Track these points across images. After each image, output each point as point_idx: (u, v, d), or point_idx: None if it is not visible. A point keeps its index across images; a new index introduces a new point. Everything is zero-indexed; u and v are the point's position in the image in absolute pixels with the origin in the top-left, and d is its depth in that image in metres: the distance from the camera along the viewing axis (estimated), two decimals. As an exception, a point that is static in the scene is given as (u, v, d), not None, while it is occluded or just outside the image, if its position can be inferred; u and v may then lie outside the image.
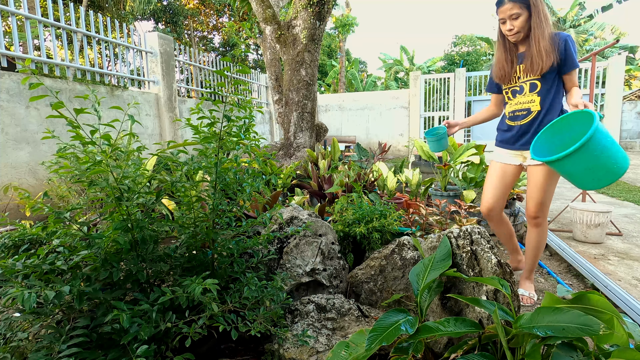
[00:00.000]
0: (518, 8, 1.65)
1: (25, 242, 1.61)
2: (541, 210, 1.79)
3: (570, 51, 1.67)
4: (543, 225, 1.83)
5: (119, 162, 1.26)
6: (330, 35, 20.29)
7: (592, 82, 3.10)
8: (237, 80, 1.44)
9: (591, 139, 1.16)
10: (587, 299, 0.98)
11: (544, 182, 1.74)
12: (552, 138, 1.44)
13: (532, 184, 1.78)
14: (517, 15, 1.66)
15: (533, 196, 1.78)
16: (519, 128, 1.80)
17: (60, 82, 3.88)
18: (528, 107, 1.76)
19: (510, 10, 1.67)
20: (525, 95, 1.76)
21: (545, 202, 1.78)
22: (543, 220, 1.82)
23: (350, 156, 4.96)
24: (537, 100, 1.73)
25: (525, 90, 1.76)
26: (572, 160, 1.21)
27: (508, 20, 1.69)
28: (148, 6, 12.87)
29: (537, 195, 1.77)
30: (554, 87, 1.72)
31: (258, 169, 1.52)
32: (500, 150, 1.94)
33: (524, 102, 1.77)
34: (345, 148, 9.41)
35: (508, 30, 1.72)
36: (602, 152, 1.20)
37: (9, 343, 1.03)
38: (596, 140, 1.18)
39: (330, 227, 1.93)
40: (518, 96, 1.79)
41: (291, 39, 4.84)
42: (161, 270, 1.29)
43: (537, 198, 1.77)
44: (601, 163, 1.22)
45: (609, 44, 2.89)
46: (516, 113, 1.80)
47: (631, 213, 3.77)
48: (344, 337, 1.39)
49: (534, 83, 1.73)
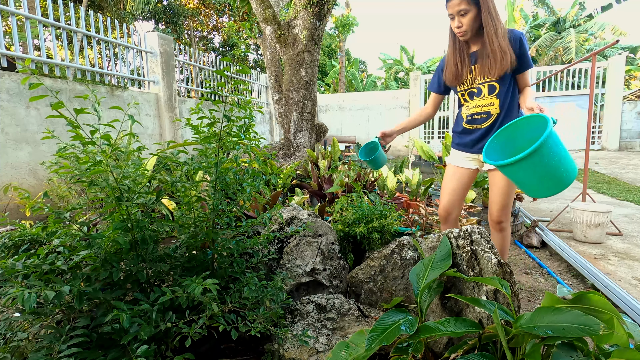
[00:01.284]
0: (466, 4, 1.57)
1: (25, 242, 1.60)
2: (505, 214, 1.74)
3: (525, 50, 1.62)
4: (507, 229, 1.79)
5: (119, 162, 1.26)
6: (330, 35, 20.29)
7: (592, 82, 3.10)
8: (237, 80, 1.44)
9: (544, 144, 1.12)
10: (587, 299, 0.98)
11: (507, 186, 1.69)
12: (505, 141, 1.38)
13: (495, 188, 1.73)
14: (465, 11, 1.58)
15: (496, 200, 1.73)
16: (478, 132, 1.74)
17: (60, 82, 3.88)
18: (488, 110, 1.69)
19: (458, 6, 1.58)
20: (484, 98, 1.69)
21: (508, 206, 1.74)
22: (507, 224, 1.77)
23: (350, 156, 4.96)
24: (496, 103, 1.67)
25: (484, 92, 1.68)
26: (523, 166, 1.16)
27: (456, 16, 1.61)
28: (148, 6, 12.86)
29: (500, 200, 1.72)
30: (511, 88, 1.67)
31: (258, 169, 1.52)
32: (458, 154, 1.86)
33: (483, 105, 1.70)
34: (345, 148, 9.41)
35: (456, 28, 1.63)
36: (553, 159, 1.16)
37: (9, 343, 1.03)
38: (548, 146, 1.14)
39: (330, 227, 1.93)
40: (476, 99, 1.71)
41: (291, 39, 4.84)
42: (161, 270, 1.29)
43: (500, 202, 1.72)
44: (551, 171, 1.17)
45: (609, 44, 2.88)
46: (475, 117, 1.73)
47: (631, 213, 3.77)
48: (344, 337, 1.39)
49: (492, 85, 1.66)
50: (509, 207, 1.75)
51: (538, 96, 10.10)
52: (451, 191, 1.85)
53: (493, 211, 1.76)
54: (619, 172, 6.42)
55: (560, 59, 13.83)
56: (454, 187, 1.84)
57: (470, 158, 1.81)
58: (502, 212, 1.74)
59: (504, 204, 1.72)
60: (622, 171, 6.48)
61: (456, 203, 1.85)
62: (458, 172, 1.85)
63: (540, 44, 13.82)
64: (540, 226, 3.10)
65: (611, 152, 9.16)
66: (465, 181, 1.84)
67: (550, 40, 13.76)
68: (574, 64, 3.60)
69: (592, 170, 6.68)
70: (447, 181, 1.88)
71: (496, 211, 1.74)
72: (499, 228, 1.77)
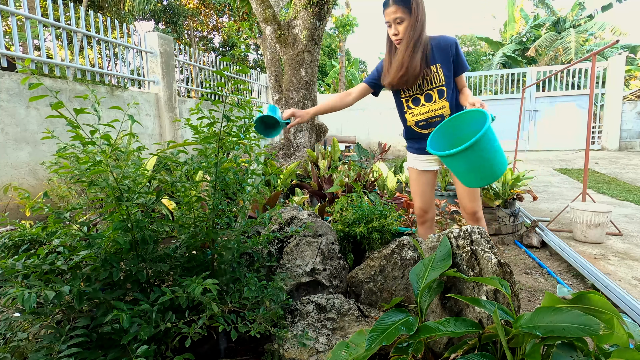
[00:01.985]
0: (401, 12, 1.61)
1: (25, 242, 1.60)
2: (478, 204, 1.82)
3: (460, 54, 1.71)
4: (482, 217, 1.86)
5: (119, 162, 1.26)
6: (330, 35, 20.28)
7: (592, 82, 3.10)
8: (237, 80, 1.44)
9: (481, 139, 1.23)
10: (587, 299, 0.98)
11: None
12: (450, 131, 1.52)
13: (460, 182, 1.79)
14: (402, 19, 1.62)
15: (465, 192, 1.80)
16: None
17: (60, 82, 3.87)
18: (441, 113, 1.76)
19: (394, 14, 1.62)
20: (436, 103, 1.75)
21: (478, 196, 1.82)
22: (481, 212, 1.85)
23: (350, 156, 4.96)
24: (447, 105, 1.75)
25: (435, 97, 1.75)
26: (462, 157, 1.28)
27: (393, 24, 1.65)
28: (148, 6, 12.86)
29: (470, 190, 1.79)
30: (455, 90, 1.77)
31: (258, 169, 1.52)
32: (417, 157, 1.92)
33: (436, 109, 1.76)
34: (345, 148, 9.40)
35: (393, 35, 1.68)
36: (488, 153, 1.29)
37: (9, 343, 1.03)
38: (485, 141, 1.26)
39: (330, 227, 1.93)
40: (427, 104, 1.77)
41: (291, 39, 4.84)
42: (161, 270, 1.29)
43: (470, 193, 1.79)
44: (486, 163, 1.31)
45: (609, 44, 2.88)
46: (429, 121, 1.79)
47: (631, 213, 3.77)
48: (344, 337, 1.39)
49: (441, 90, 1.73)
50: (479, 196, 1.83)
51: (538, 96, 10.10)
52: (421, 194, 1.95)
53: (466, 204, 1.83)
54: (619, 172, 6.42)
55: (560, 59, 13.82)
56: (423, 190, 1.95)
57: (430, 160, 1.90)
58: (475, 203, 1.81)
59: (475, 195, 1.80)
60: (622, 171, 6.48)
61: (429, 202, 1.97)
62: (422, 176, 1.94)
63: (540, 44, 13.81)
64: (540, 226, 3.10)
65: (611, 152, 9.16)
66: (430, 182, 1.95)
67: (550, 40, 13.75)
68: (574, 64, 3.60)
69: (592, 170, 6.68)
70: (414, 185, 1.97)
71: (469, 203, 1.81)
72: (475, 219, 1.84)
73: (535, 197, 3.46)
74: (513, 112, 10.03)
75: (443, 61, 1.70)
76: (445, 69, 1.71)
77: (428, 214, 1.98)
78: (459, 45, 1.72)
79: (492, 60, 15.47)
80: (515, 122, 9.68)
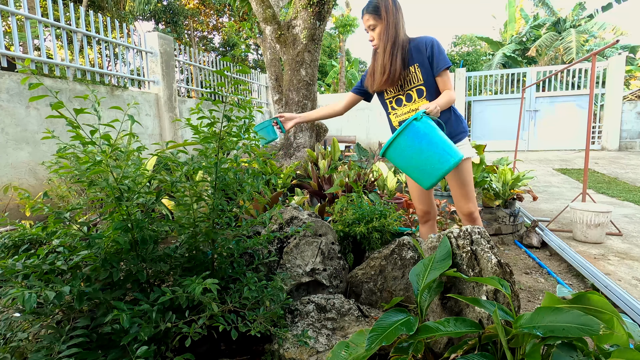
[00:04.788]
0: (373, 19, 1.70)
1: (25, 242, 1.60)
2: (473, 204, 1.82)
3: (437, 52, 1.70)
4: (479, 217, 1.87)
5: (119, 162, 1.26)
6: (330, 35, 20.28)
7: (592, 82, 3.10)
8: (237, 80, 1.44)
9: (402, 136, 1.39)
10: (587, 299, 0.98)
11: (465, 176, 1.78)
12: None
13: (456, 183, 1.81)
14: (374, 26, 1.71)
15: (459, 193, 1.81)
16: None
17: (60, 82, 3.87)
18: None
19: (368, 22, 1.72)
20: (415, 102, 1.78)
21: (472, 195, 1.82)
22: (477, 212, 1.85)
23: (350, 156, 4.96)
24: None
25: (414, 97, 1.78)
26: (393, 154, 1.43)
27: (369, 30, 1.75)
28: (148, 6, 12.86)
29: (462, 191, 1.80)
30: (437, 89, 1.76)
31: (258, 169, 1.52)
32: None
33: (416, 109, 1.79)
34: (345, 148, 9.40)
35: (370, 41, 1.77)
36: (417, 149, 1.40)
37: (9, 343, 1.03)
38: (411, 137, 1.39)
39: (330, 227, 1.93)
40: (408, 104, 1.80)
41: (291, 39, 4.84)
42: (161, 270, 1.29)
43: (464, 194, 1.80)
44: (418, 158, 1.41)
45: (609, 44, 2.88)
46: None
47: (631, 213, 3.77)
48: (344, 337, 1.39)
49: (420, 89, 1.76)
50: (473, 196, 1.83)
51: (538, 96, 10.09)
52: (419, 195, 1.98)
53: (461, 205, 1.84)
54: (619, 172, 6.42)
55: (561, 59, 13.81)
56: (420, 192, 1.97)
57: None
58: (470, 203, 1.82)
59: (470, 194, 1.81)
60: (622, 171, 6.48)
61: (429, 203, 1.99)
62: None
63: (540, 44, 13.81)
64: (540, 226, 3.10)
65: (611, 152, 9.16)
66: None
67: (551, 41, 13.74)
68: (574, 64, 3.60)
69: (592, 170, 6.68)
70: (412, 188, 2.01)
71: (464, 203, 1.82)
72: (472, 219, 1.84)
73: (535, 197, 3.46)
74: (513, 112, 10.04)
75: (420, 61, 1.73)
76: (423, 69, 1.73)
77: (430, 214, 2.00)
78: (437, 44, 1.72)
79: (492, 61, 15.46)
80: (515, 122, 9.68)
